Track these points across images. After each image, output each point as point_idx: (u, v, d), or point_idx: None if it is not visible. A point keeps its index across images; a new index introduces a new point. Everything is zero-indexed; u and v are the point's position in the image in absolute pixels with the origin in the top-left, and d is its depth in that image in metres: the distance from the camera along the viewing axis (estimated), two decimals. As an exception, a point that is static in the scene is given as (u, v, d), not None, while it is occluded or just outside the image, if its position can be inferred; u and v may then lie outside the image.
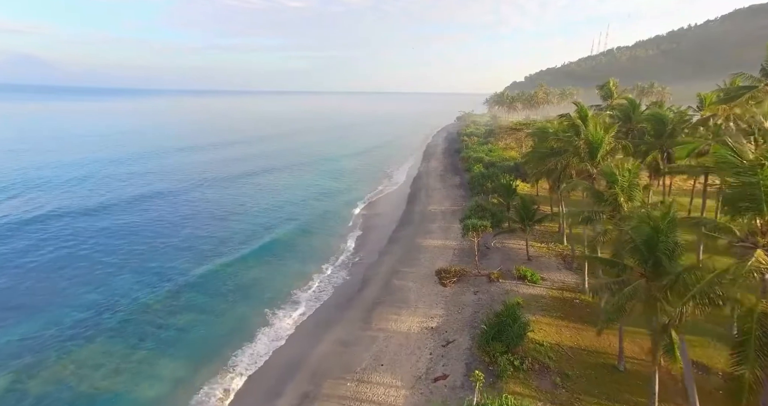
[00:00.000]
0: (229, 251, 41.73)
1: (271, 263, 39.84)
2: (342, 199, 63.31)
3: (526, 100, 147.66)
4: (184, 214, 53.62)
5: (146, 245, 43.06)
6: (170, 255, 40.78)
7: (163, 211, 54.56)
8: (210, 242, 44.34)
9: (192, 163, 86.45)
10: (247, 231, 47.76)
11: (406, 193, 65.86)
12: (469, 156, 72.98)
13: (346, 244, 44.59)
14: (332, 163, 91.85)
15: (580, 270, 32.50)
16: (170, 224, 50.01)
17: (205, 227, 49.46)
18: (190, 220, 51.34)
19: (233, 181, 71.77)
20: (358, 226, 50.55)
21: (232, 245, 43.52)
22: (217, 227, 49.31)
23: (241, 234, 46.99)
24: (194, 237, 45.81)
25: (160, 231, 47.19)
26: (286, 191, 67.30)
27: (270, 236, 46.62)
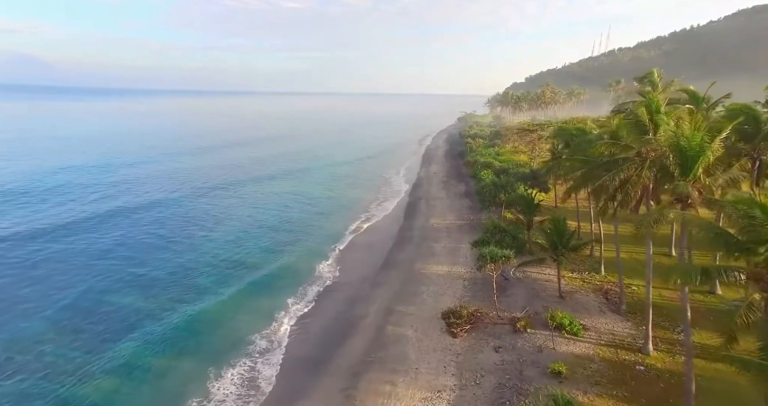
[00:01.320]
0: (181, 282, 34.02)
1: (227, 294, 32.04)
2: (331, 210, 55.62)
3: (532, 100, 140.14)
4: (122, 240, 44.78)
5: (81, 282, 35.36)
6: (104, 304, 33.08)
7: (110, 236, 46.17)
8: (153, 274, 36.62)
9: (168, 170, 78.08)
10: (214, 252, 40.04)
11: (404, 203, 58.22)
12: (475, 160, 65.40)
13: (329, 270, 36.74)
14: (325, 169, 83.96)
15: (631, 315, 24.90)
16: (100, 253, 42.22)
17: (154, 253, 41.66)
18: (131, 248, 42.49)
19: (213, 192, 63.64)
20: (346, 244, 42.83)
21: (188, 273, 35.75)
22: (166, 254, 41.32)
23: (209, 256, 39.34)
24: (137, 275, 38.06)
25: (92, 264, 39.31)
26: (269, 201, 59.54)
27: (237, 254, 38.97)
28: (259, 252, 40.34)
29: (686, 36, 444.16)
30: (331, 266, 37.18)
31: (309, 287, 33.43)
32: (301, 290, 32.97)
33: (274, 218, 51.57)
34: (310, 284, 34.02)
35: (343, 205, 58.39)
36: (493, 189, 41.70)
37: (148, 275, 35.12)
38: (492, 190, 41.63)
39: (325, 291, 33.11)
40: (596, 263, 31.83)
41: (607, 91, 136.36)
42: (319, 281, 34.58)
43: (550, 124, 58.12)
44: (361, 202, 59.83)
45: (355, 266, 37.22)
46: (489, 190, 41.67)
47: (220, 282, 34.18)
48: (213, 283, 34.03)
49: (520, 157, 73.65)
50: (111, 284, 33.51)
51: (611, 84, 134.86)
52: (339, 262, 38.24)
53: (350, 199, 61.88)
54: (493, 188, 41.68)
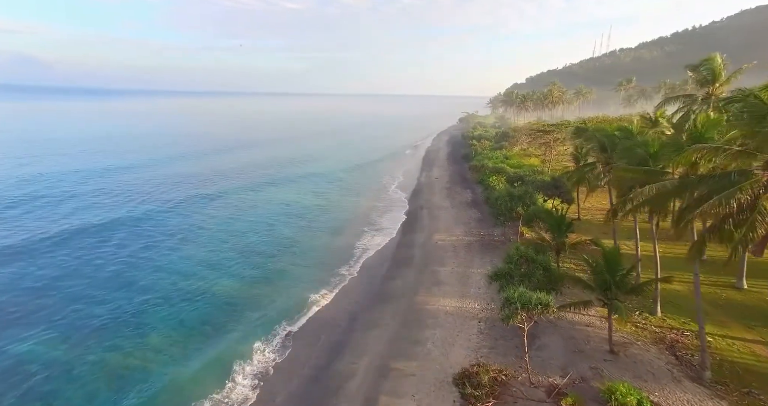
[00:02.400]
0: (122, 321, 27.05)
1: (175, 336, 25.11)
2: (319, 224, 48.63)
3: (538, 99, 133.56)
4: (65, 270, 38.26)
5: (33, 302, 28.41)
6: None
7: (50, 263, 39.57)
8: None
9: (152, 177, 70.17)
10: (172, 279, 33.07)
11: (402, 214, 51.29)
12: (482, 165, 58.60)
13: (309, 302, 29.53)
14: (318, 174, 76.83)
15: (721, 386, 17.95)
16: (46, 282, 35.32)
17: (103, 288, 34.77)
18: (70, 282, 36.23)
19: (191, 202, 56.12)
20: (332, 268, 35.82)
21: (136, 309, 28.76)
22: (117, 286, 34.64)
23: (166, 283, 32.42)
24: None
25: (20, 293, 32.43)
26: (252, 213, 52.56)
27: (200, 282, 32.00)
28: (225, 278, 33.32)
29: (688, 36, 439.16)
30: (312, 298, 30.14)
31: (281, 327, 26.45)
32: (271, 331, 26.02)
33: (253, 233, 44.55)
34: (283, 322, 27.03)
35: (334, 216, 51.43)
36: (508, 201, 34.79)
37: (80, 313, 28.10)
38: (507, 203, 34.73)
39: (302, 333, 26.15)
40: (647, 299, 24.96)
41: (617, 90, 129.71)
42: (296, 318, 27.64)
43: (567, 125, 51.40)
44: (354, 213, 52.90)
45: (342, 298, 30.25)
46: (504, 202, 34.76)
47: (170, 319, 27.24)
48: (161, 321, 27.07)
49: (530, 161, 66.97)
50: (23, 328, 26.54)
51: (621, 83, 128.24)
52: (321, 292, 31.21)
53: (343, 208, 54.92)
54: (509, 200, 34.77)
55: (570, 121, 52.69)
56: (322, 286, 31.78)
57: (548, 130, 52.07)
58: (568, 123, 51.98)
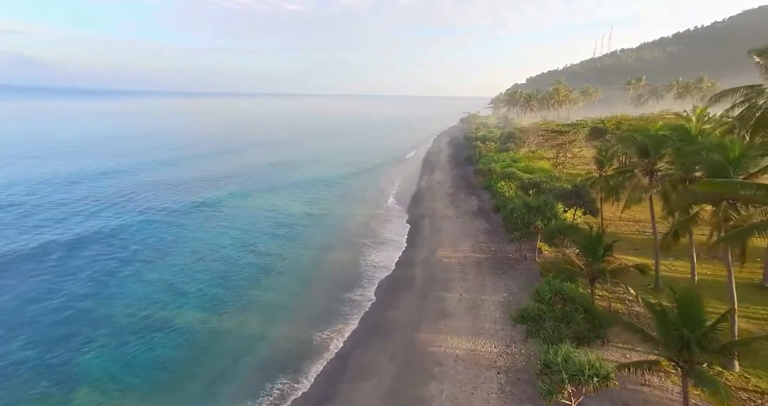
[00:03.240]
0: (47, 369, 21.80)
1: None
2: (306, 237, 43.31)
3: (543, 98, 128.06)
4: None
5: None
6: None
7: None
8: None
9: (133, 184, 63.61)
10: (125, 312, 27.80)
11: (402, 224, 46.04)
12: (489, 168, 53.45)
13: (284, 342, 24.35)
14: (312, 178, 71.45)
15: None
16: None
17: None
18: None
19: (171, 214, 50.38)
20: (314, 295, 30.51)
21: (66, 350, 23.50)
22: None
23: (109, 321, 27.18)
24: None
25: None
26: (233, 226, 47.23)
27: (150, 320, 26.70)
28: (194, 307, 28.05)
29: (690, 36, 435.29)
30: (287, 336, 24.86)
31: (240, 374, 21.22)
32: (226, 384, 20.80)
33: (235, 247, 39.27)
34: (247, 369, 21.81)
35: (326, 227, 46.21)
36: (525, 213, 29.56)
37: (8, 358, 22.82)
38: (524, 215, 29.51)
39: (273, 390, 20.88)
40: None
41: (625, 89, 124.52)
42: (268, 360, 22.39)
43: (584, 125, 46.25)
44: (349, 223, 47.65)
45: (327, 334, 24.97)
46: (520, 214, 29.53)
47: (113, 364, 21.99)
48: (101, 366, 21.83)
49: (540, 164, 61.80)
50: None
51: (630, 82, 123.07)
52: (296, 325, 25.91)
53: (337, 217, 49.67)
54: (526, 212, 29.54)
55: (587, 120, 47.64)
56: (319, 321, 26.28)
57: (563, 131, 46.97)
58: (585, 122, 46.87)
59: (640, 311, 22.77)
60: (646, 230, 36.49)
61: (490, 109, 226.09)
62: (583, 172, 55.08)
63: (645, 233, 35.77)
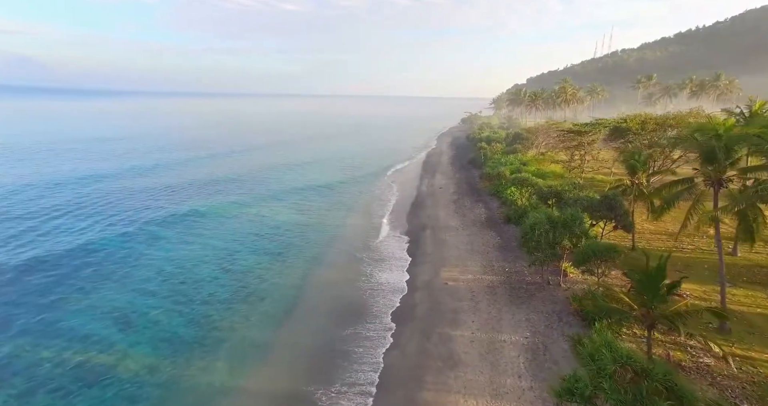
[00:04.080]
0: None
1: None
2: (296, 250, 38.22)
3: (549, 97, 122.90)
4: None
5: None
6: None
7: None
8: None
9: (107, 192, 57.73)
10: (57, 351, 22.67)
11: (399, 236, 40.93)
12: (497, 173, 48.44)
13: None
14: (304, 184, 66.30)
15: None
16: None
17: None
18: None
19: (144, 223, 45.24)
20: (294, 320, 25.48)
21: None
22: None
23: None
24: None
25: None
26: (211, 233, 42.25)
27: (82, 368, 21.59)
28: (141, 349, 22.89)
29: (692, 36, 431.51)
30: (261, 391, 19.76)
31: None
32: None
33: (208, 264, 34.10)
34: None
35: (315, 239, 40.97)
36: (549, 230, 24.43)
37: None
38: (548, 233, 24.38)
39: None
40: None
41: (635, 88, 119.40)
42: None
43: (606, 124, 41.18)
44: (341, 234, 42.56)
45: (311, 389, 19.83)
46: (544, 232, 24.39)
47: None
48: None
49: (551, 168, 56.80)
50: None
51: (640, 80, 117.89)
52: (272, 375, 20.81)
53: (327, 228, 44.48)
54: (550, 229, 24.41)
55: (607, 119, 42.63)
56: (299, 371, 21.31)
57: (583, 131, 41.88)
58: (605, 121, 41.80)
59: (711, 364, 17.67)
60: (684, 246, 31.44)
61: (492, 109, 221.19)
62: (602, 176, 50.14)
63: (684, 249, 30.69)
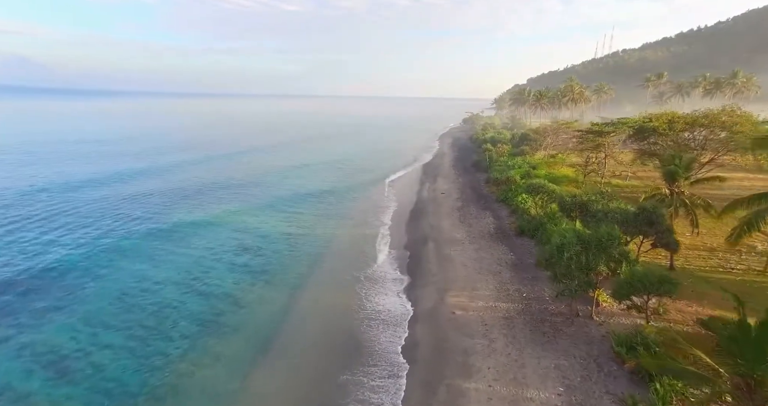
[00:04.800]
0: None
1: None
2: (279, 266, 33.62)
3: (554, 96, 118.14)
4: None
5: None
6: None
7: None
8: None
9: (69, 203, 54.99)
10: None
11: (396, 250, 36.39)
12: (506, 178, 43.97)
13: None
14: (294, 190, 61.82)
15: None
16: None
17: None
18: None
19: (116, 234, 41.43)
20: (271, 359, 20.92)
21: None
22: None
23: None
24: None
25: None
26: (186, 246, 37.68)
27: None
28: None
29: (694, 37, 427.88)
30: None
31: None
32: None
33: (177, 284, 29.51)
34: None
35: (302, 253, 36.42)
36: (580, 252, 19.83)
37: None
38: (579, 255, 19.78)
39: None
40: None
41: (644, 87, 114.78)
42: None
43: (630, 124, 36.63)
44: (330, 248, 37.97)
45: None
46: (575, 254, 19.79)
47: None
48: None
49: (563, 171, 52.34)
50: None
51: (650, 79, 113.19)
52: None
53: (316, 240, 39.92)
54: (582, 251, 19.81)
55: (630, 118, 38.14)
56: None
57: (605, 131, 37.26)
58: (630, 121, 37.26)
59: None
60: (731, 265, 26.87)
61: (493, 109, 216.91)
62: (618, 180, 45.58)
63: (734, 270, 26.11)
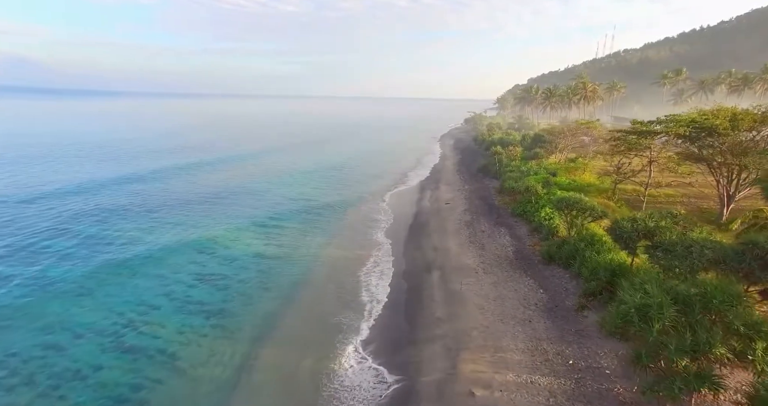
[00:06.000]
0: None
1: None
2: (235, 311, 26.27)
3: (563, 95, 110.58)
4: None
5: None
6: None
7: None
8: None
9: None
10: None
11: (398, 273, 29.17)
12: (525, 188, 36.72)
13: None
14: (278, 201, 54.51)
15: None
16: None
17: None
18: None
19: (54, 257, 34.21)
20: None
21: None
22: None
23: None
24: None
25: None
26: (131, 281, 30.29)
27: None
28: None
29: (696, 36, 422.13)
30: None
31: None
32: None
33: (92, 339, 22.12)
34: None
35: (271, 289, 29.08)
36: (683, 324, 12.48)
37: None
38: (681, 330, 12.44)
39: None
40: None
41: (660, 85, 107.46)
42: None
43: (683, 122, 29.39)
44: (311, 274, 30.61)
45: None
46: (671, 326, 12.47)
47: None
48: None
49: (585, 178, 45.19)
50: None
51: (666, 75, 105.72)
52: None
53: (296, 260, 32.54)
54: (683, 319, 12.48)
55: (680, 115, 30.99)
56: None
57: (653, 131, 29.95)
58: (679, 118, 29.95)
59: None
60: None
61: (495, 109, 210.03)
62: (670, 191, 38.27)
63: None
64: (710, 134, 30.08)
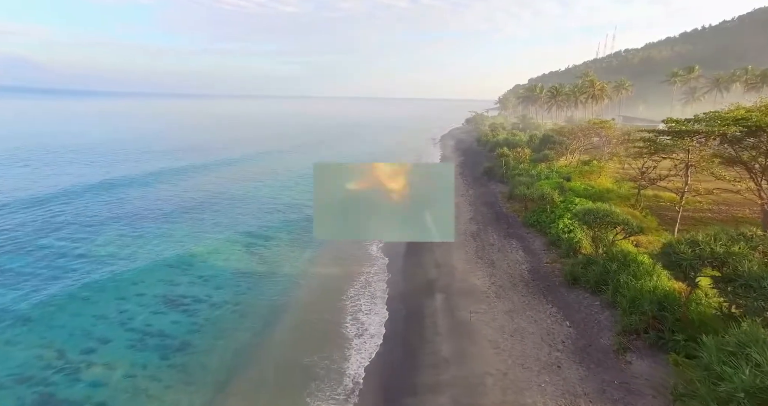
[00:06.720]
0: None
1: None
2: (202, 349, 22.22)
3: (570, 93, 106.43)
4: None
5: None
6: None
7: None
8: None
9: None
10: None
11: (394, 296, 25.13)
12: (541, 195, 32.67)
13: None
14: (268, 209, 50.57)
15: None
16: None
17: None
18: None
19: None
20: None
21: None
22: None
23: None
24: None
25: None
26: (70, 319, 26.26)
27: None
28: None
29: (698, 36, 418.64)
30: None
31: None
32: None
33: (10, 396, 18.09)
34: None
35: (250, 315, 25.00)
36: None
37: None
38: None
39: None
40: None
41: (670, 83, 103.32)
42: None
43: (728, 120, 25.34)
44: (300, 293, 26.55)
45: None
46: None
47: None
48: None
49: (602, 183, 41.20)
50: None
51: (676, 73, 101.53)
52: None
53: (281, 278, 28.46)
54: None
55: (721, 112, 27.13)
56: None
57: (692, 130, 25.87)
58: (721, 115, 25.89)
59: None
60: None
61: (497, 109, 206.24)
62: (706, 199, 34.14)
63: None
64: (753, 134, 26.01)
